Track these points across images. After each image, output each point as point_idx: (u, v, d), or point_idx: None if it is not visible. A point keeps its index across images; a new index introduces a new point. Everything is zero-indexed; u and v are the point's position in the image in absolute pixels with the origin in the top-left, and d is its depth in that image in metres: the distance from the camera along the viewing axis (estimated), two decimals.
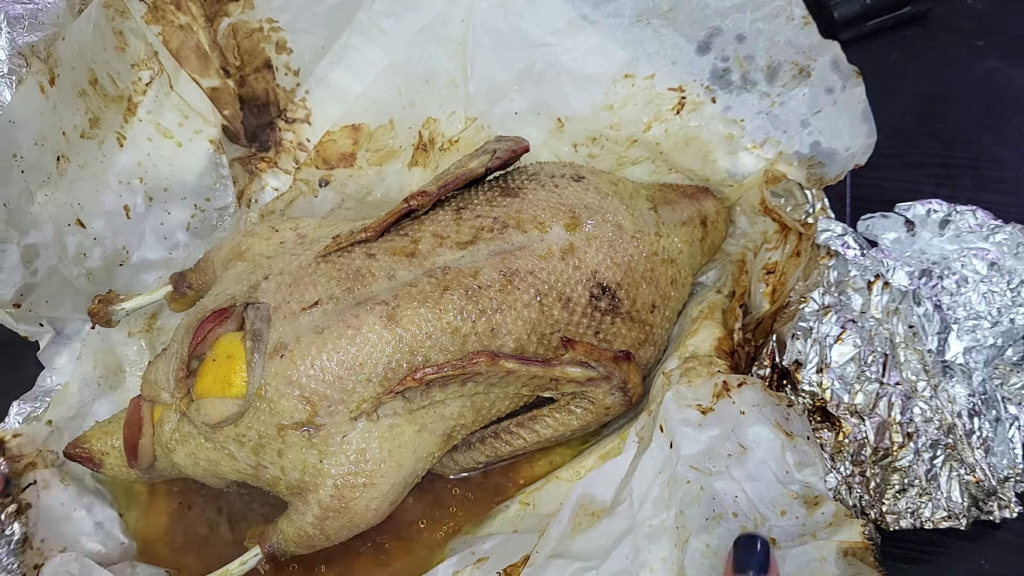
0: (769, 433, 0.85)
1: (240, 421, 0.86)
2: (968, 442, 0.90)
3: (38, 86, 0.94)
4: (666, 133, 1.06)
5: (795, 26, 0.97)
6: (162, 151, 1.05)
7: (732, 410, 0.87)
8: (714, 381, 0.90)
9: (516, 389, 0.92)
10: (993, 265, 0.94)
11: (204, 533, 1.01)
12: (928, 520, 0.88)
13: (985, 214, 0.97)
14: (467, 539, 0.97)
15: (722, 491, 0.83)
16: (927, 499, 0.89)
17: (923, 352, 0.92)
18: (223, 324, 0.89)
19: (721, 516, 0.81)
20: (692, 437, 0.86)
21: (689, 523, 0.82)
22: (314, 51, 1.07)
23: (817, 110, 1.00)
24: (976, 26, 1.21)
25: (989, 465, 0.89)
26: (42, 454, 0.98)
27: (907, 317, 0.92)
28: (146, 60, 1.03)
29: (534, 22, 1.04)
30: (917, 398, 0.90)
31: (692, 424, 0.87)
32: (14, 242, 0.96)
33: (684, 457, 0.85)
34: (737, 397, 0.88)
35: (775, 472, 0.84)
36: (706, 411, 0.88)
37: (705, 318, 1.01)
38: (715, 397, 0.89)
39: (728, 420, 0.87)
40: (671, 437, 0.87)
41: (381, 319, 0.87)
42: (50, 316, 1.04)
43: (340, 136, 1.09)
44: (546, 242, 0.93)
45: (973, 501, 0.89)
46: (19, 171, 0.95)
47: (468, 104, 1.09)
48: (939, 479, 0.89)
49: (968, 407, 0.90)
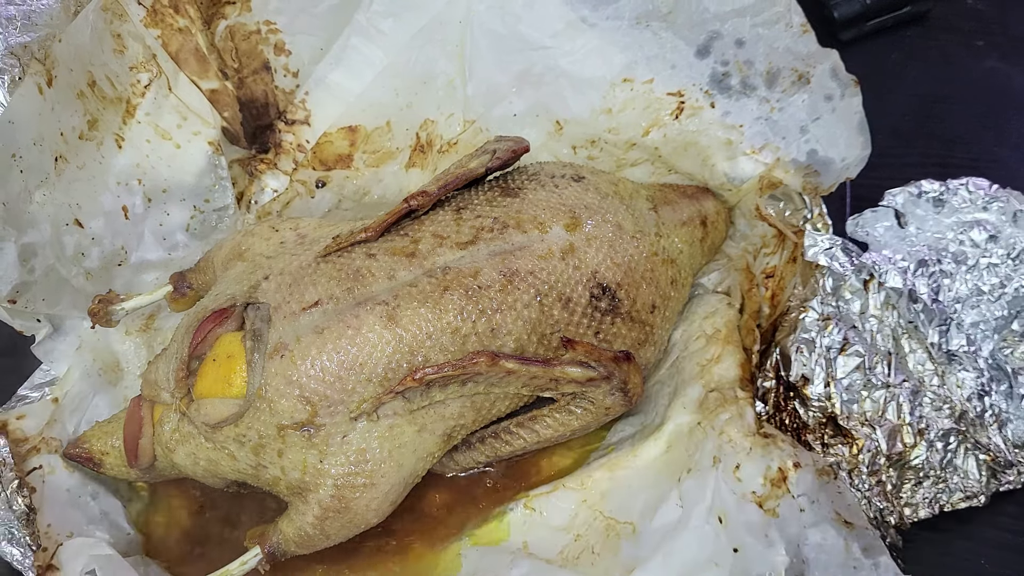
0: (832, 532, 0.84)
1: (240, 421, 0.86)
2: (981, 422, 0.90)
3: (36, 87, 0.94)
4: (665, 138, 1.06)
5: (794, 33, 0.97)
6: (161, 153, 1.05)
7: (793, 510, 0.86)
8: (766, 462, 0.89)
9: (516, 389, 0.92)
10: (992, 238, 0.94)
11: (204, 533, 1.01)
12: (947, 504, 0.89)
13: (977, 183, 0.96)
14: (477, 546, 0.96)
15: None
16: (943, 485, 0.89)
17: (926, 344, 0.92)
18: (223, 324, 0.89)
19: None
20: (760, 554, 0.85)
21: None
22: (313, 52, 1.07)
23: (816, 117, 0.99)
24: (976, 26, 1.21)
25: (1004, 439, 0.90)
26: (45, 440, 0.98)
27: (905, 313, 0.92)
28: (144, 63, 1.03)
29: (533, 25, 1.03)
30: (925, 390, 0.91)
31: (758, 534, 0.86)
32: (11, 240, 0.96)
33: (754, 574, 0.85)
34: (795, 487, 0.87)
35: None
36: (767, 509, 0.87)
37: (726, 342, 1.00)
38: (772, 485, 0.87)
39: (792, 524, 0.85)
40: (735, 544, 0.86)
41: (381, 319, 0.86)
42: (47, 313, 1.04)
43: (337, 138, 1.09)
44: (546, 242, 0.93)
45: (991, 473, 0.90)
46: (18, 171, 0.95)
47: (466, 106, 1.09)
48: (955, 462, 0.90)
49: (977, 390, 0.91)
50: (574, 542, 0.93)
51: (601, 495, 0.95)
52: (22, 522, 0.91)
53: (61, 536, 0.92)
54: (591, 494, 0.96)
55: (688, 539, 0.88)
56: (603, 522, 0.93)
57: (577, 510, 0.95)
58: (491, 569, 0.92)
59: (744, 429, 0.91)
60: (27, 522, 0.91)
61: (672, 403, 0.98)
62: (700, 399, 0.96)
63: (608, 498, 0.95)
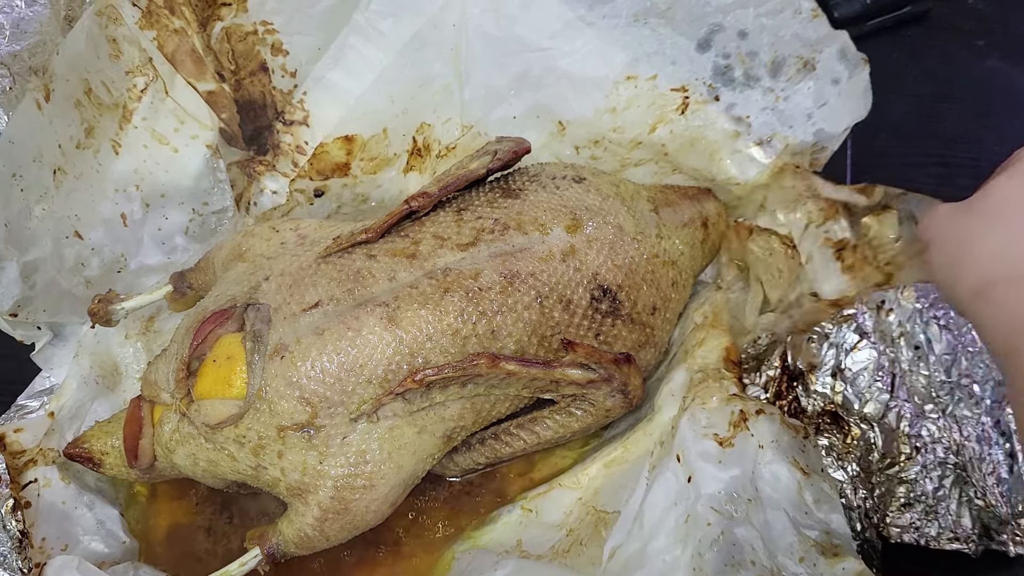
0: (786, 473, 0.85)
1: (240, 422, 0.86)
2: (979, 466, 0.88)
3: (35, 103, 0.94)
4: (671, 134, 1.05)
5: (803, 19, 0.96)
6: (158, 157, 1.05)
7: (751, 445, 0.87)
8: (731, 408, 0.90)
9: (516, 391, 0.92)
10: None
11: (204, 534, 1.01)
12: (933, 539, 0.87)
13: None
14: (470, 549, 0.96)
15: (742, 538, 0.82)
16: (933, 518, 0.87)
17: (930, 376, 0.91)
18: (223, 325, 0.89)
19: (740, 564, 0.81)
20: (712, 475, 0.86)
21: (707, 567, 0.82)
22: (310, 52, 1.07)
23: (823, 103, 0.99)
24: (976, 26, 1.20)
25: (1002, 494, 0.87)
26: (43, 451, 0.98)
27: (912, 339, 0.91)
28: (140, 66, 1.03)
29: (529, 26, 1.02)
30: (925, 418, 0.89)
31: (712, 460, 0.86)
32: (14, 260, 0.96)
33: (704, 496, 0.85)
34: (755, 428, 0.88)
35: (792, 516, 0.83)
36: (724, 442, 0.87)
37: (711, 326, 1.00)
38: (732, 427, 0.88)
39: (747, 458, 0.86)
40: (690, 471, 0.87)
41: (381, 321, 0.86)
42: (48, 322, 1.03)
43: (333, 147, 1.08)
44: (547, 244, 0.92)
45: (984, 530, 0.87)
46: (18, 190, 0.95)
47: (464, 111, 1.09)
48: (948, 500, 0.87)
49: (977, 432, 0.89)
50: (566, 537, 0.93)
51: (595, 491, 0.95)
52: (15, 543, 0.91)
53: (55, 550, 0.93)
54: (586, 492, 0.96)
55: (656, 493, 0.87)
56: (594, 516, 0.93)
57: (572, 507, 0.95)
58: (477, 570, 0.92)
59: (722, 395, 0.91)
60: (20, 547, 0.91)
61: (660, 391, 0.97)
62: (685, 383, 0.96)
63: (601, 493, 0.95)
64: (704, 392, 0.92)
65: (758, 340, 0.99)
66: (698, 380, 0.95)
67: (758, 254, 1.00)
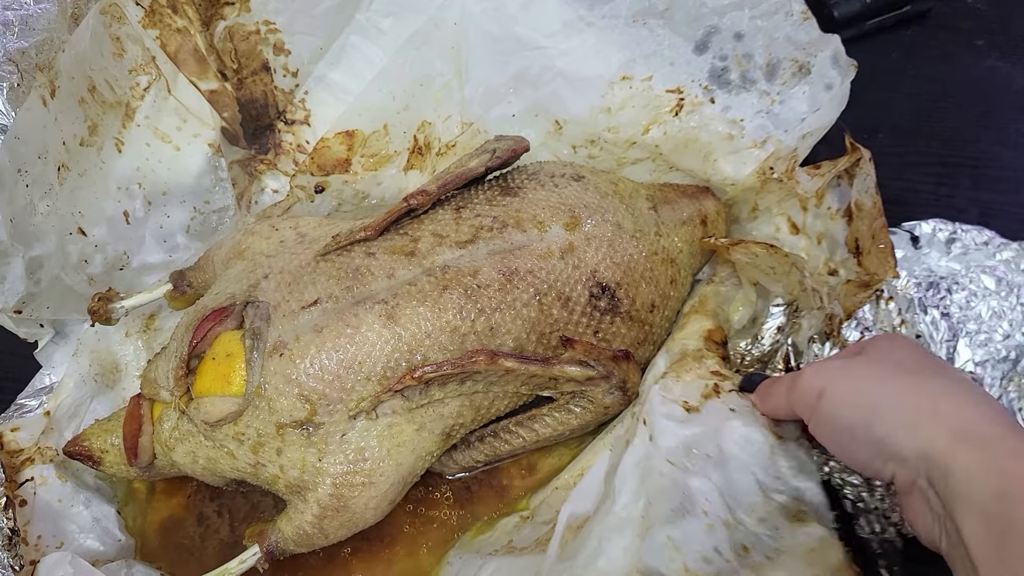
0: (759, 436, 0.84)
1: (239, 419, 0.86)
2: None
3: (40, 99, 0.95)
4: (665, 135, 1.05)
5: (794, 22, 0.96)
6: (160, 155, 1.06)
7: (720, 409, 0.86)
8: (705, 382, 0.89)
9: (515, 388, 0.92)
10: (1001, 281, 0.93)
11: (203, 532, 1.01)
12: None
13: (991, 233, 0.96)
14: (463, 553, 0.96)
15: (695, 488, 0.81)
16: None
17: None
18: (223, 322, 0.89)
19: (689, 512, 0.80)
20: (672, 431, 0.85)
21: (654, 513, 0.80)
22: (312, 52, 1.07)
23: (816, 108, 0.98)
24: (976, 26, 1.20)
25: None
26: (40, 450, 0.98)
27: (914, 326, 0.92)
28: (143, 65, 1.03)
29: (529, 25, 1.03)
30: None
31: (675, 419, 0.86)
32: (19, 255, 0.97)
33: (661, 449, 0.84)
34: (728, 398, 0.87)
35: (760, 479, 0.82)
36: (691, 409, 0.87)
37: (694, 312, 1.00)
38: (703, 397, 0.88)
39: (713, 420, 0.85)
40: (651, 430, 0.86)
41: (380, 318, 0.86)
42: (51, 319, 1.04)
43: (334, 142, 1.08)
44: (545, 241, 0.92)
45: None
46: (24, 185, 0.96)
47: (464, 108, 1.09)
48: None
49: None
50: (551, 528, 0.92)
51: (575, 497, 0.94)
52: (5, 540, 0.92)
53: (50, 547, 0.93)
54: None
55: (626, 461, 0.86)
56: None
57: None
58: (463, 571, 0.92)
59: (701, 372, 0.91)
60: (9, 544, 0.91)
61: (645, 378, 0.96)
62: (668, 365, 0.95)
63: None
64: (680, 367, 0.92)
65: (759, 340, 0.99)
66: (677, 358, 0.94)
67: (744, 261, 1.00)
